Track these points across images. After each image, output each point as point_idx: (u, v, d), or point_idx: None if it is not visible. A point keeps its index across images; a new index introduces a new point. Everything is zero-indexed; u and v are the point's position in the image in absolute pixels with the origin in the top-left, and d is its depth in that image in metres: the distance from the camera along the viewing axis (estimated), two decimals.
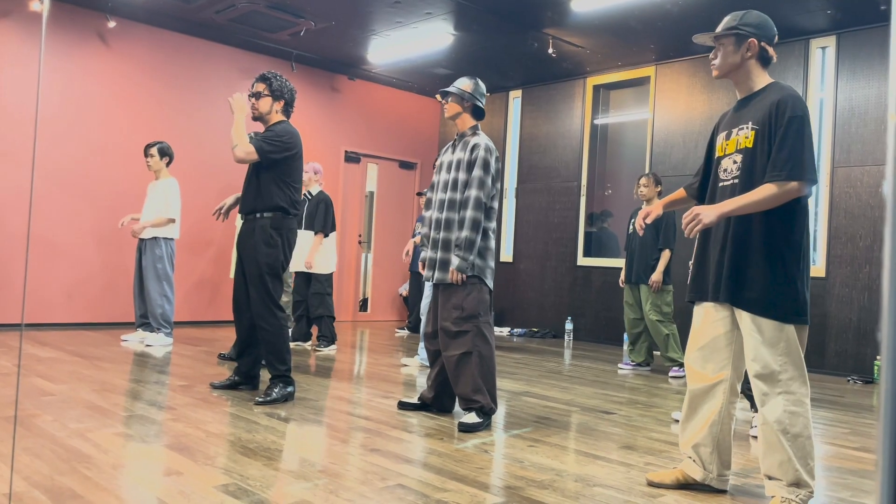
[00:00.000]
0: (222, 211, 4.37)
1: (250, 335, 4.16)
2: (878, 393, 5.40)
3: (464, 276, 3.53)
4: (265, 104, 4.07)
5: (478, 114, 3.80)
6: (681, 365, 5.75)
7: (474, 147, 3.63)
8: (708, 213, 2.42)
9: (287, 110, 4.14)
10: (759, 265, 2.43)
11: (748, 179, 2.48)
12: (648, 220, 2.85)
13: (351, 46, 7.76)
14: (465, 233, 3.53)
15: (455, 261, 3.52)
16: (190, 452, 2.84)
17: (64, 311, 6.81)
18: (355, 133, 9.07)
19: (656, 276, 5.66)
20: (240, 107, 4.00)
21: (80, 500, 2.24)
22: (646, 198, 5.84)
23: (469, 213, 3.54)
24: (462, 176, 3.62)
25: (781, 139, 2.39)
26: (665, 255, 5.70)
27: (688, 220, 2.45)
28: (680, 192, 2.91)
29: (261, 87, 4.06)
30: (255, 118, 4.12)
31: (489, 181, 3.60)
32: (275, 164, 3.96)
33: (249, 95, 4.12)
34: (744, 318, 2.45)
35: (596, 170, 8.38)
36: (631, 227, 5.93)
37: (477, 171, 3.58)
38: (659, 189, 5.86)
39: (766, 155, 2.44)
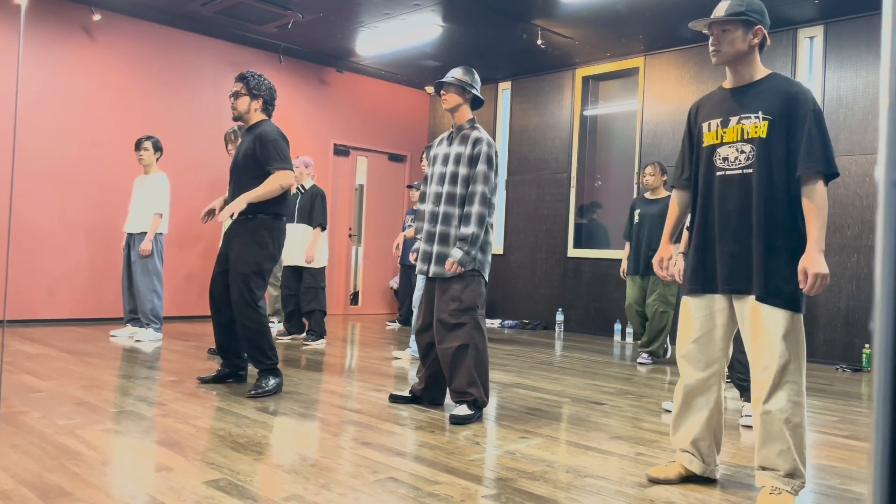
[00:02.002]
0: (209, 213, 4.46)
1: (229, 329, 4.15)
2: (867, 381, 5.43)
3: (462, 269, 3.52)
4: (243, 103, 4.06)
5: (477, 104, 3.79)
6: (650, 353, 5.84)
7: (476, 141, 3.61)
8: (820, 263, 2.32)
9: (267, 109, 4.12)
10: (776, 257, 2.41)
11: (766, 170, 2.43)
12: (665, 266, 2.73)
13: (339, 39, 7.71)
14: (472, 228, 3.52)
15: (458, 254, 3.50)
16: (180, 448, 2.83)
17: (52, 307, 6.76)
18: (344, 126, 9.03)
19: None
20: (239, 205, 3.83)
21: (69, 497, 2.22)
22: (651, 186, 5.85)
23: (475, 209, 3.54)
24: (462, 170, 3.60)
25: (809, 133, 2.37)
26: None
27: (812, 284, 2.31)
28: (674, 211, 2.75)
29: (238, 86, 4.06)
30: (234, 118, 4.10)
31: (492, 176, 3.61)
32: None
33: (229, 95, 4.11)
34: (762, 311, 2.41)
35: (586, 161, 8.38)
36: (637, 217, 5.91)
37: (481, 166, 3.57)
38: (664, 178, 5.86)
39: (784, 146, 2.42)
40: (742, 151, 2.50)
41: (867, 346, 6.03)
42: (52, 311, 6.76)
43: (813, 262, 2.32)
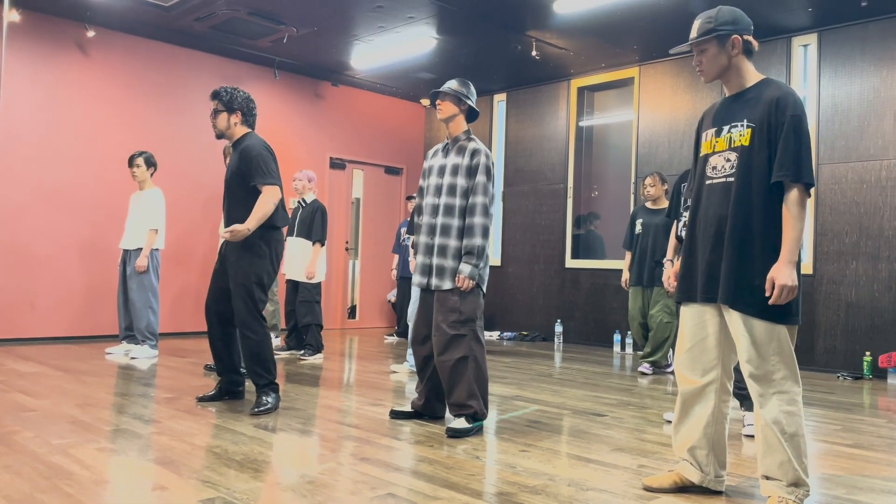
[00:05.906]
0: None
1: (225, 344, 4.11)
2: (869, 389, 5.40)
3: (472, 282, 3.51)
4: (222, 120, 4.03)
5: (472, 115, 3.78)
6: (652, 363, 5.82)
7: (475, 152, 3.61)
8: (786, 274, 2.30)
9: (247, 121, 4.07)
10: (752, 267, 2.39)
11: (745, 178, 2.42)
12: (673, 282, 2.78)
13: (334, 52, 7.72)
14: (477, 240, 3.52)
15: (466, 268, 3.50)
16: (175, 466, 2.78)
17: (46, 324, 6.71)
18: (340, 139, 9.03)
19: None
20: (242, 231, 3.81)
21: None
22: (652, 197, 5.84)
23: (478, 220, 3.54)
24: (461, 181, 3.60)
25: (785, 140, 2.35)
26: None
27: (778, 295, 2.30)
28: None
29: (213, 104, 4.04)
30: (217, 136, 4.07)
31: (491, 187, 3.62)
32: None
33: (210, 116, 4.09)
34: (735, 318, 2.41)
35: (582, 172, 8.38)
36: (640, 227, 5.89)
37: (480, 177, 3.57)
38: (665, 187, 5.86)
39: (765, 153, 2.40)
40: (728, 160, 2.50)
41: (868, 353, 6.00)
42: (46, 329, 6.71)
43: (779, 273, 2.31)
